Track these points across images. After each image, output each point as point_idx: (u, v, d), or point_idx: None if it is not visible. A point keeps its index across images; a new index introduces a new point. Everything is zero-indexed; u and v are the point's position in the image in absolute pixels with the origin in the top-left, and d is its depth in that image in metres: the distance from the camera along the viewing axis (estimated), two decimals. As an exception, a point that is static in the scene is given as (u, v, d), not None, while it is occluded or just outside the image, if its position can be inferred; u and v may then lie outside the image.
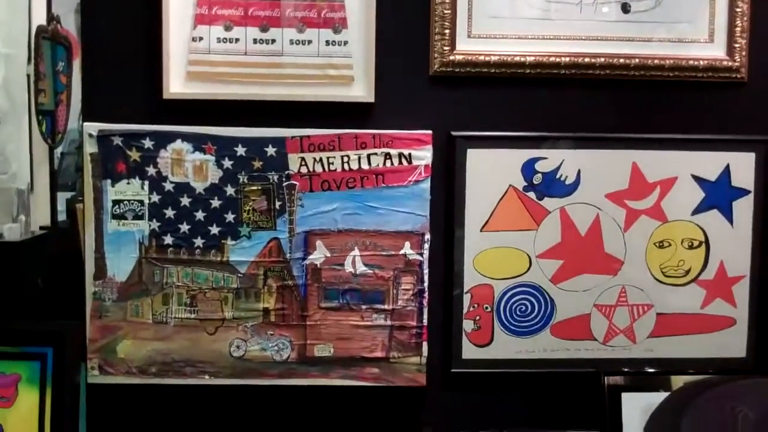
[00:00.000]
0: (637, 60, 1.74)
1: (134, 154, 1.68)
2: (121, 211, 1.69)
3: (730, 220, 1.78)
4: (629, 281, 1.77)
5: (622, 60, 1.73)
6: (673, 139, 1.76)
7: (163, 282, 1.71)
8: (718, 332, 1.79)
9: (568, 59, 1.74)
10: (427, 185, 1.70)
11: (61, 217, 1.79)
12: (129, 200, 1.69)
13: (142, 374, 1.73)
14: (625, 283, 1.77)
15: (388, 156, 1.70)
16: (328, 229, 1.71)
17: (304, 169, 1.69)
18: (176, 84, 1.68)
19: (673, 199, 1.76)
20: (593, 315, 1.77)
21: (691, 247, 1.77)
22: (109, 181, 1.69)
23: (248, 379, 1.73)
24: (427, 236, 1.71)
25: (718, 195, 1.77)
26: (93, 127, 1.68)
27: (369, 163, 1.70)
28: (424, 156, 1.70)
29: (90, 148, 1.68)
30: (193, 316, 1.71)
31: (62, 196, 1.78)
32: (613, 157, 1.75)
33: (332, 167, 1.70)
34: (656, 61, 1.73)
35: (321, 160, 1.69)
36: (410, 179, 1.70)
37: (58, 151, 1.78)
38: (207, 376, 1.72)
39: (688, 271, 1.78)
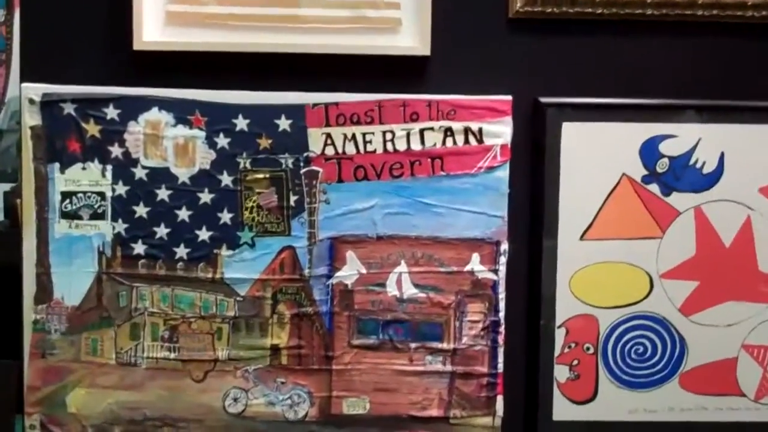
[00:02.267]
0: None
1: (92, 128, 1.38)
2: (74, 207, 1.38)
3: None
4: (793, 313, 1.38)
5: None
6: None
7: (131, 308, 1.42)
8: None
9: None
10: (504, 173, 1.38)
11: (-3, 217, 1.52)
12: (85, 192, 1.39)
13: None
14: (787, 315, 1.39)
15: (449, 132, 1.36)
16: (363, 235, 1.42)
17: (330, 150, 1.38)
18: (151, 30, 1.34)
19: None
20: (741, 360, 1.41)
21: None
22: (57, 166, 1.40)
23: None
24: (505, 246, 1.37)
25: None
26: (34, 90, 1.37)
27: (422, 143, 1.37)
28: (500, 132, 1.37)
29: (30, 119, 1.35)
30: (173, 355, 1.44)
31: (-1, 189, 1.48)
32: (757, 133, 1.37)
33: (370, 148, 1.36)
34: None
35: (354, 137, 1.37)
36: (481, 165, 1.39)
37: (-7, 127, 1.53)
38: None
39: None
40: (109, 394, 1.42)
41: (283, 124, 1.39)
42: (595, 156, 1.42)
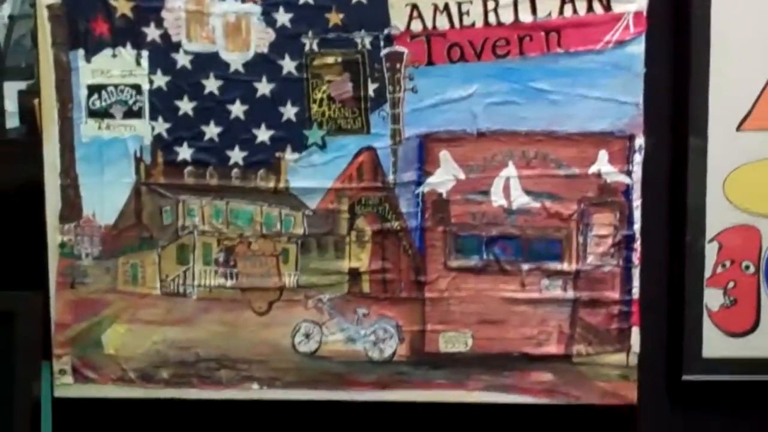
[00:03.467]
0: None
1: (123, 5, 1.22)
2: (104, 104, 1.23)
3: None
4: None
5: None
6: None
7: (177, 225, 1.30)
8: None
9: None
10: (639, 49, 1.23)
11: (12, 122, 1.38)
12: (116, 85, 1.26)
13: (144, 382, 1.31)
14: None
15: None
16: (461, 132, 1.26)
17: (417, 26, 1.22)
18: None
19: None
20: None
21: None
22: (81, 53, 1.27)
23: (325, 391, 1.29)
24: (640, 141, 1.17)
25: None
26: (51, -41, 1.16)
27: (534, 12, 1.17)
28: None
29: None
30: (230, 283, 1.30)
31: (12, 88, 1.38)
32: None
33: (467, 20, 1.19)
34: None
35: (447, 7, 1.17)
36: (609, 39, 1.22)
37: (4, 13, 1.39)
38: (255, 385, 1.29)
39: None
40: (154, 330, 1.30)
41: (358, -11, 1.20)
42: (755, 27, 1.20)
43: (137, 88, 1.24)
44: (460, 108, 1.23)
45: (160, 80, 1.24)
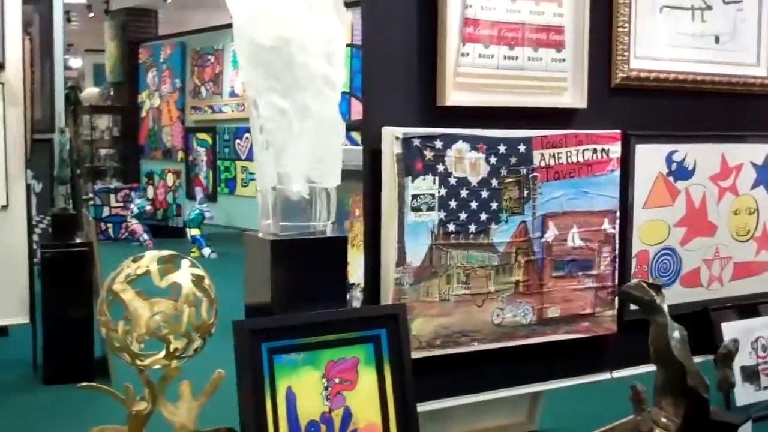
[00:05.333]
0: (723, 78, 3.08)
1: (428, 154, 2.50)
2: (418, 204, 2.49)
3: (768, 192, 3.24)
4: (720, 241, 3.14)
5: (714, 77, 3.06)
6: (741, 135, 3.15)
7: (447, 264, 2.55)
8: (761, 274, 3.23)
9: (689, 77, 3.00)
10: (618, 173, 2.84)
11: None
12: (423, 194, 2.49)
13: (429, 347, 2.54)
14: (718, 243, 3.14)
15: (595, 151, 2.79)
16: (556, 212, 2.73)
17: (542, 163, 2.69)
18: (449, 93, 2.54)
19: (741, 178, 3.17)
20: (701, 268, 3.08)
21: (749, 214, 3.19)
22: (409, 179, 2.47)
23: (505, 342, 2.66)
24: (618, 213, 2.84)
25: (763, 175, 3.21)
26: (398, 131, 2.45)
27: (583, 157, 2.76)
28: (615, 150, 2.83)
29: (396, 149, 2.44)
30: (467, 292, 2.59)
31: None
32: (711, 150, 3.10)
33: (560, 161, 2.72)
34: (731, 79, 3.11)
35: (554, 155, 2.72)
36: (608, 169, 2.84)
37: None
38: (476, 343, 2.61)
39: (748, 231, 3.19)
40: (434, 320, 2.58)
41: (522, 148, 2.70)
42: (644, 161, 2.98)
43: (433, 195, 2.56)
44: (557, 201, 2.78)
45: (442, 191, 2.57)
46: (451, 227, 2.61)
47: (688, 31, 3.08)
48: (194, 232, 9.13)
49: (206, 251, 8.96)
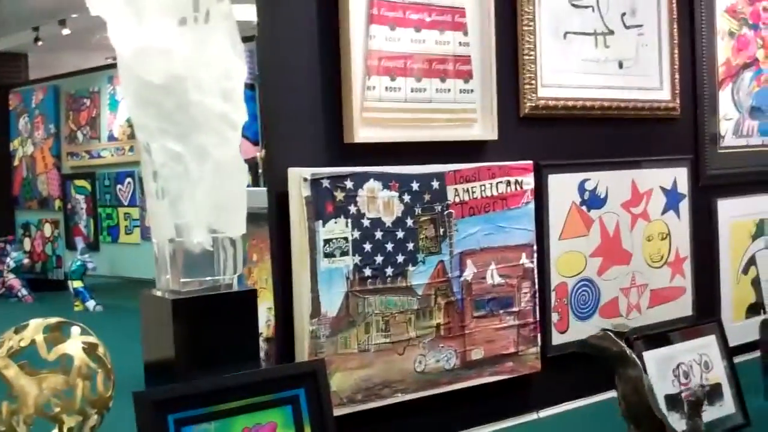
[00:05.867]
0: (629, 103, 3.02)
1: (339, 195, 2.34)
2: (331, 249, 2.32)
3: (678, 216, 3.18)
4: (635, 269, 3.07)
5: (620, 103, 3.01)
6: (649, 160, 3.10)
7: (365, 312, 2.38)
8: (677, 299, 3.18)
9: (596, 103, 2.93)
10: (532, 205, 2.74)
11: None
12: (336, 238, 2.33)
13: (351, 403, 2.39)
14: (634, 270, 3.07)
15: (508, 183, 2.69)
16: (474, 249, 2.61)
17: (457, 199, 2.58)
18: (356, 129, 2.39)
19: (652, 204, 3.12)
20: (620, 297, 3.01)
21: (662, 239, 3.14)
22: (320, 222, 2.30)
23: (429, 390, 2.52)
24: (535, 247, 2.73)
25: (672, 199, 3.18)
26: (306, 172, 2.28)
27: (497, 190, 2.65)
28: (529, 182, 2.73)
29: (304, 191, 2.27)
30: (387, 340, 2.44)
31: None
32: (622, 176, 3.03)
33: (474, 195, 2.61)
34: (636, 104, 3.07)
35: (468, 190, 2.60)
36: (522, 201, 2.74)
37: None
38: (399, 394, 2.46)
39: (662, 257, 3.14)
40: (355, 373, 2.40)
41: (435, 184, 2.55)
42: (557, 191, 2.89)
43: (346, 239, 2.38)
44: (473, 238, 2.65)
45: (356, 234, 2.40)
46: (368, 272, 2.44)
47: (592, 56, 3.02)
48: (77, 284, 8.68)
49: (90, 304, 8.52)
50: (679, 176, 3.27)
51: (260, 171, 5.80)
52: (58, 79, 11.02)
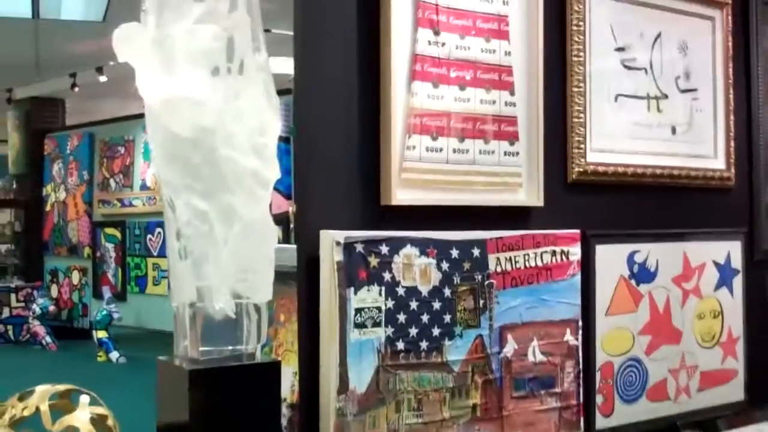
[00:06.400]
0: (682, 171, 2.85)
1: (373, 261, 2.17)
2: (362, 319, 2.15)
3: (732, 293, 2.98)
4: (686, 348, 2.86)
5: (673, 171, 2.84)
6: (702, 232, 2.91)
7: (396, 389, 2.19)
8: (729, 382, 2.97)
9: (648, 170, 2.76)
10: (578, 278, 2.55)
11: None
12: (369, 308, 2.15)
13: None
14: (684, 350, 2.86)
15: (554, 253, 2.50)
16: (515, 323, 2.42)
17: (498, 268, 2.40)
18: (394, 191, 2.23)
19: (704, 279, 2.92)
20: (668, 379, 2.79)
21: (714, 317, 2.93)
22: (352, 290, 2.13)
23: None
24: (581, 323, 2.54)
25: (725, 275, 2.97)
26: (339, 235, 2.11)
27: (542, 260, 2.47)
28: (576, 252, 2.54)
29: (336, 255, 2.10)
30: (419, 420, 2.26)
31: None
32: (673, 248, 2.84)
33: (517, 265, 2.42)
34: (689, 172, 2.90)
35: (510, 259, 2.42)
36: (568, 273, 2.54)
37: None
38: None
39: (713, 336, 2.93)
40: None
41: (475, 252, 2.38)
42: (604, 263, 2.71)
43: (379, 308, 2.22)
44: (515, 311, 2.46)
45: (390, 303, 2.23)
46: (400, 345, 2.25)
47: (644, 121, 2.86)
48: (101, 334, 8.54)
49: (114, 355, 8.37)
50: (732, 250, 3.07)
51: (291, 226, 5.66)
52: (94, 125, 11.04)
